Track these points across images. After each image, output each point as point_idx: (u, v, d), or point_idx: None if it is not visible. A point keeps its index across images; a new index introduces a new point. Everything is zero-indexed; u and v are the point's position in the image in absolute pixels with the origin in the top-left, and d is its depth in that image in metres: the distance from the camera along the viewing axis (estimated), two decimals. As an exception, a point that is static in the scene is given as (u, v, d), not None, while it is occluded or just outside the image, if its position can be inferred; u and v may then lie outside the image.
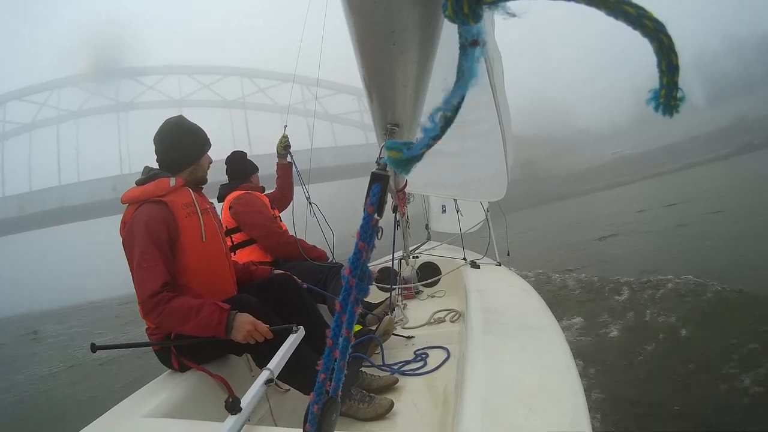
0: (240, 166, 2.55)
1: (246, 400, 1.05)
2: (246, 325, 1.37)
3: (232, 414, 1.00)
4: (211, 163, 1.71)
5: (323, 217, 2.61)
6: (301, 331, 1.39)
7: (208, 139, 1.69)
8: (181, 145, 1.62)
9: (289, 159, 2.69)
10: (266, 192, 2.66)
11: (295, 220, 2.62)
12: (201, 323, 1.36)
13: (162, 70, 34.61)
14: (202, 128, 1.70)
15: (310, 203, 2.60)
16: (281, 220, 2.62)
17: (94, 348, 1.41)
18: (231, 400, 1.01)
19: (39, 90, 31.06)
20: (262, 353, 1.42)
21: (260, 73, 34.00)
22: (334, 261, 2.52)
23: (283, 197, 2.74)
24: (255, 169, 2.60)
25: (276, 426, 1.19)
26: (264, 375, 1.17)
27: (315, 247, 2.48)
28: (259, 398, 1.12)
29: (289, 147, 2.65)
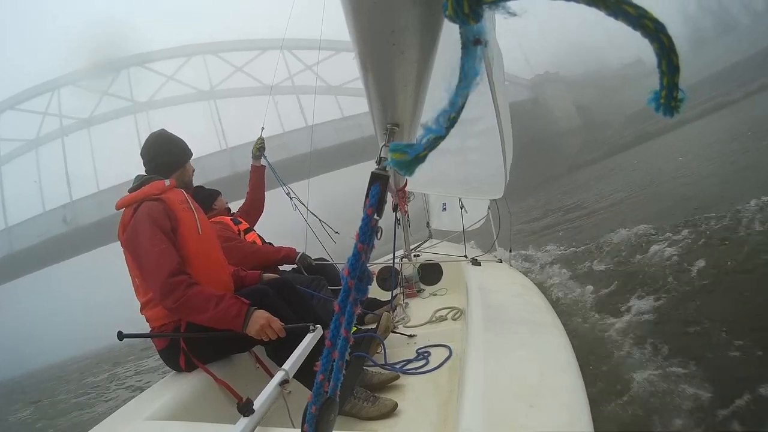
0: (202, 199, 2.59)
1: (259, 402, 1.03)
2: (261, 320, 1.39)
3: (244, 416, 0.98)
4: (193, 171, 1.85)
5: (316, 218, 2.64)
6: (319, 330, 1.38)
7: (189, 150, 1.84)
8: (168, 151, 1.75)
9: (263, 162, 2.75)
10: (233, 212, 2.72)
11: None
12: (219, 314, 1.39)
13: (109, 66, 24.43)
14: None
15: (290, 197, 2.64)
16: (253, 231, 2.66)
17: (120, 336, 1.44)
18: (244, 401, 0.99)
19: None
20: (274, 347, 1.46)
21: (231, 44, 25.59)
22: (311, 259, 2.55)
23: (254, 202, 2.79)
24: (216, 195, 2.64)
25: (293, 428, 1.18)
26: (279, 376, 1.15)
27: (281, 247, 2.52)
28: (273, 400, 1.09)
29: (264, 149, 2.72)
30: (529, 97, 28.91)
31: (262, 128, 2.81)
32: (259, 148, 2.71)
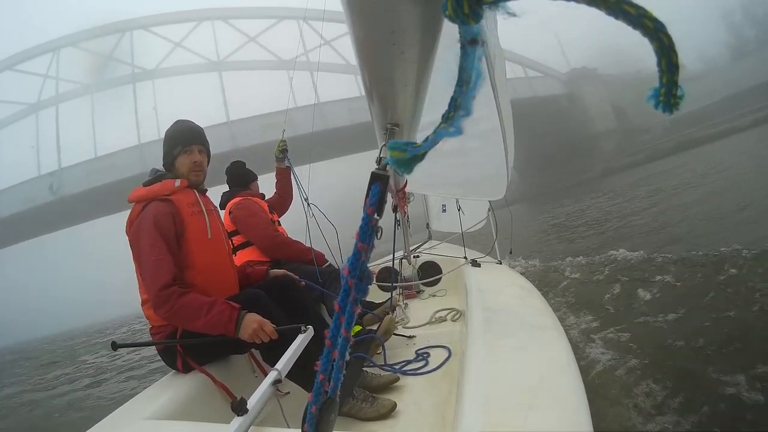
0: (239, 174, 2.65)
1: (252, 401, 1.04)
2: (253, 323, 1.39)
3: (238, 415, 0.99)
4: (195, 162, 1.66)
5: (324, 218, 2.61)
6: (310, 331, 1.39)
7: (183, 140, 1.66)
8: (164, 145, 1.69)
9: (287, 163, 2.74)
10: (266, 198, 2.74)
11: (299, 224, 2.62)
12: (211, 320, 1.39)
13: (111, 27, 22.35)
14: (188, 128, 1.69)
15: (308, 204, 2.61)
16: (280, 224, 2.68)
17: (114, 346, 1.44)
18: (238, 400, 1.00)
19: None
20: (268, 349, 1.45)
21: (243, 11, 23.36)
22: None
23: (281, 201, 2.81)
24: (254, 177, 2.68)
25: (288, 427, 1.18)
26: (272, 375, 1.15)
27: (311, 248, 2.50)
28: (267, 399, 1.10)
29: (287, 151, 2.70)
30: (564, 92, 27.32)
31: (284, 130, 2.75)
32: (282, 150, 2.67)
